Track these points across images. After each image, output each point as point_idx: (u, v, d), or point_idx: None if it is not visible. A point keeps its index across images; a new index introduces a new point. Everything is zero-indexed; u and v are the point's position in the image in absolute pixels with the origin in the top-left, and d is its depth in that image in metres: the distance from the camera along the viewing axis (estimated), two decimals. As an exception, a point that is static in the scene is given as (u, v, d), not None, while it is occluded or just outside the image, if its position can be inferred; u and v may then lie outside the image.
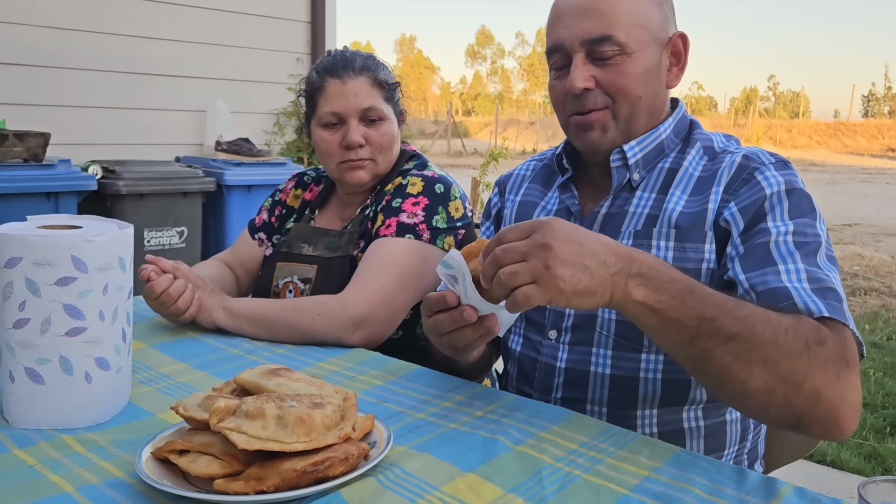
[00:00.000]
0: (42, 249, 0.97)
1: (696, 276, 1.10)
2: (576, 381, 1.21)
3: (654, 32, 1.20)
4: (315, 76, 1.66)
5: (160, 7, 4.45)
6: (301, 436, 0.81)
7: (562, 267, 0.88)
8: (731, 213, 1.13)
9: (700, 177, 1.20)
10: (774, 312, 0.94)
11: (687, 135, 1.28)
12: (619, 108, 1.19)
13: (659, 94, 1.24)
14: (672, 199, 1.19)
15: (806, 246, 1.06)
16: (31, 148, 3.42)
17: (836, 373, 0.92)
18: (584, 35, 1.17)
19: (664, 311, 0.93)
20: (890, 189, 15.29)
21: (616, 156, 1.23)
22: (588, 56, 1.18)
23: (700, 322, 0.92)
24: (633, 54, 1.17)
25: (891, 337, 4.80)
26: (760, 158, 1.17)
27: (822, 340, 0.93)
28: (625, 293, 0.93)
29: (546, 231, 0.90)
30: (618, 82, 1.17)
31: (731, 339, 0.92)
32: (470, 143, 28.06)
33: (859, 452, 3.06)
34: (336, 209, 1.77)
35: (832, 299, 0.99)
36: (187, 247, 4.04)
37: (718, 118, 44.95)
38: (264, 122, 4.98)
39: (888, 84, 65.35)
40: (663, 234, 1.16)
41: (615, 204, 1.24)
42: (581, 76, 1.17)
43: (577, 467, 0.92)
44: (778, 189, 1.12)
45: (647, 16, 1.19)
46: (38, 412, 1.00)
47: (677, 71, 1.25)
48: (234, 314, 1.46)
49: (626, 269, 0.93)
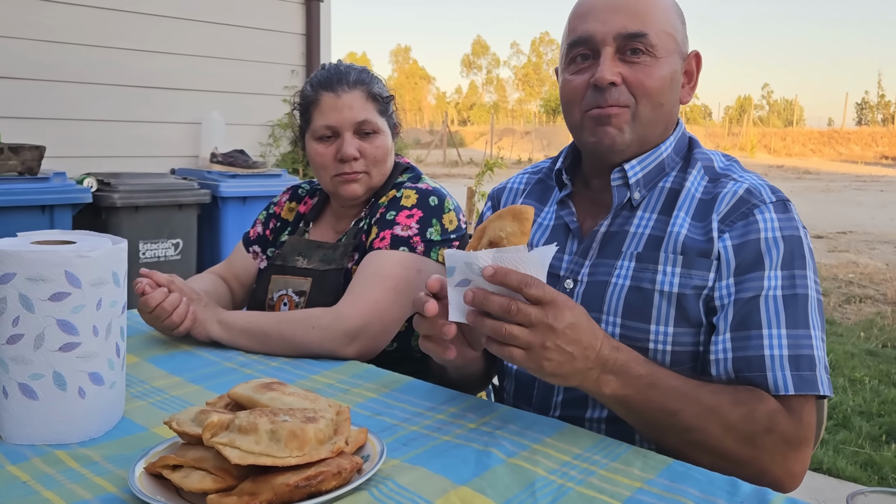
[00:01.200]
0: (36, 265, 0.97)
1: (695, 300, 1.13)
2: (575, 400, 1.21)
3: (679, 44, 1.21)
4: (309, 90, 1.67)
5: (155, 20, 4.46)
6: (294, 450, 0.81)
7: (554, 353, 0.95)
8: (725, 247, 1.13)
9: (701, 199, 1.19)
10: (729, 404, 1.03)
11: (687, 153, 1.27)
12: (642, 109, 1.18)
13: (675, 106, 1.24)
14: (677, 221, 1.17)
15: (794, 301, 1.09)
16: (25, 161, 3.42)
17: (784, 454, 1.03)
18: (620, 29, 1.16)
19: (629, 404, 1.04)
20: (884, 196, 15.34)
21: (616, 174, 1.22)
22: (618, 52, 1.17)
23: (661, 414, 1.04)
24: (661, 59, 1.18)
25: (886, 344, 4.81)
26: (762, 195, 1.15)
27: (772, 429, 1.03)
28: (595, 385, 1.02)
29: (558, 314, 0.95)
30: (646, 83, 1.17)
31: (687, 431, 1.03)
32: (465, 153, 28.12)
33: (855, 461, 3.06)
34: (330, 222, 1.78)
35: (806, 368, 1.06)
36: (183, 259, 4.04)
37: (713, 127, 45.11)
38: (259, 133, 4.99)
39: (881, 92, 65.71)
40: (669, 260, 1.15)
41: (615, 223, 1.23)
42: (610, 69, 1.16)
43: (571, 479, 0.92)
44: (773, 235, 1.12)
45: (675, 27, 1.21)
46: (31, 428, 1.00)
47: (689, 89, 1.26)
48: (229, 327, 1.46)
49: (602, 365, 1.01)
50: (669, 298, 1.14)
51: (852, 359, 4.44)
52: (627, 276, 1.17)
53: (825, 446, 3.18)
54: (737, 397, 1.05)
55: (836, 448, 3.18)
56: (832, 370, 4.22)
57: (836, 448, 3.18)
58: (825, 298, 6.05)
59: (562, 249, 1.27)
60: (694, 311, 1.13)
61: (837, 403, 3.67)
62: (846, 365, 4.31)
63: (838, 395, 3.79)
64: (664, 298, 1.14)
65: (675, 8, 1.24)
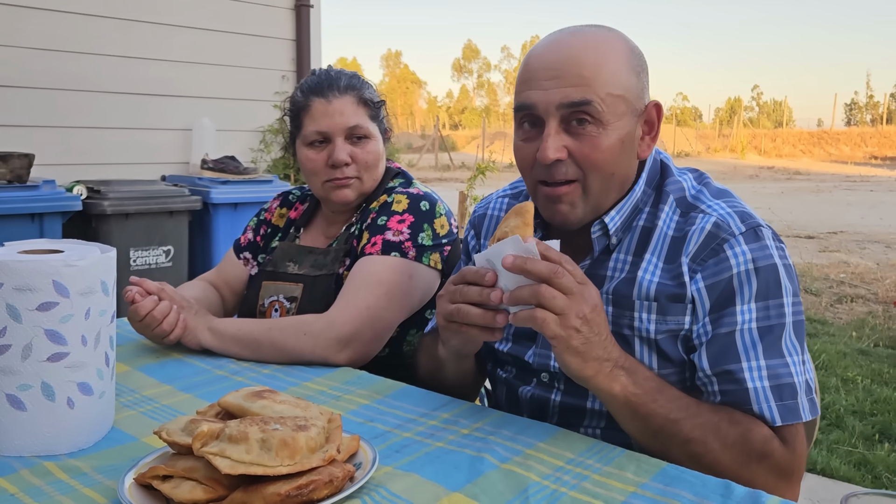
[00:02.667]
0: (23, 275, 0.96)
1: (673, 342, 1.13)
2: (571, 414, 1.21)
3: (631, 103, 1.13)
4: (300, 95, 1.67)
5: (145, 27, 4.45)
6: (285, 459, 0.81)
7: (584, 325, 0.97)
8: (698, 290, 1.11)
9: (673, 237, 1.16)
10: (727, 422, 1.05)
11: (659, 182, 1.22)
12: (591, 182, 1.13)
13: (631, 166, 1.18)
14: (649, 267, 1.15)
15: (770, 333, 1.09)
16: (14, 169, 3.40)
17: (776, 482, 1.04)
18: (562, 99, 1.09)
19: (636, 406, 1.03)
20: (874, 196, 15.43)
21: (597, 227, 1.18)
22: (562, 122, 1.11)
23: (665, 422, 1.03)
24: (609, 126, 1.10)
25: (877, 343, 4.83)
26: (731, 228, 1.12)
27: (767, 454, 1.04)
28: (607, 379, 1.01)
29: (592, 291, 1.00)
30: (591, 157, 1.11)
31: (688, 442, 1.04)
32: (457, 157, 28.13)
33: (849, 460, 3.07)
34: (321, 227, 1.77)
35: (788, 397, 1.07)
36: (174, 266, 4.02)
37: (703, 128, 45.29)
38: (250, 139, 4.98)
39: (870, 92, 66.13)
40: (644, 307, 1.14)
41: (593, 266, 1.21)
42: (554, 146, 1.10)
43: (564, 484, 0.92)
44: (745, 268, 1.10)
45: (627, 85, 1.12)
46: (19, 439, 0.99)
47: (650, 140, 1.19)
48: (220, 335, 1.45)
49: (615, 360, 1.02)
50: (649, 343, 1.15)
51: (844, 358, 4.46)
52: (609, 321, 1.14)
53: (818, 446, 3.19)
54: (734, 417, 1.06)
55: (830, 448, 3.18)
56: (824, 370, 4.23)
57: (829, 448, 3.18)
58: (817, 299, 6.07)
59: None
60: (674, 352, 1.14)
61: (830, 403, 3.68)
62: (838, 364, 4.32)
63: (831, 396, 3.80)
64: (644, 343, 1.15)
65: (627, 61, 1.14)
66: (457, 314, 1.03)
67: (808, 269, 7.13)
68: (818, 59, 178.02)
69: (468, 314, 1.01)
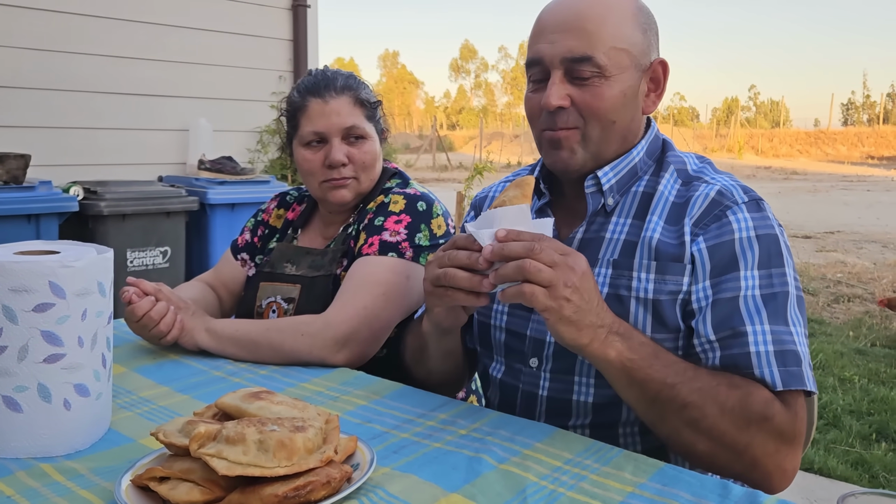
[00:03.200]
0: (19, 276, 0.96)
1: (671, 305, 1.13)
2: (558, 409, 1.21)
3: (635, 57, 1.18)
4: (296, 96, 1.66)
5: (141, 27, 4.44)
6: (282, 460, 0.81)
7: (574, 293, 0.97)
8: (699, 250, 1.13)
9: (675, 202, 1.19)
10: (726, 386, 1.04)
11: (660, 156, 1.26)
12: (591, 130, 1.18)
13: (634, 119, 1.22)
14: (650, 225, 1.17)
15: (774, 300, 1.09)
16: (11, 170, 3.39)
17: (776, 446, 1.03)
18: (566, 53, 1.15)
19: (633, 371, 1.02)
20: (870, 196, 15.45)
21: (590, 181, 1.22)
22: (566, 74, 1.16)
23: (662, 386, 1.03)
24: (611, 78, 1.15)
25: (875, 343, 4.84)
26: (734, 196, 1.15)
27: (768, 417, 1.03)
28: (602, 345, 1.01)
29: (578, 260, 1.00)
30: (593, 105, 1.16)
31: (685, 406, 1.02)
32: (455, 157, 28.13)
33: (846, 460, 3.07)
34: (319, 228, 1.77)
35: (792, 364, 1.06)
36: (171, 267, 4.02)
37: (701, 129, 45.34)
38: (247, 140, 4.98)
39: (867, 92, 66.22)
40: (644, 266, 1.15)
41: (591, 229, 1.23)
42: (557, 94, 1.16)
43: (562, 485, 0.91)
44: (748, 234, 1.12)
45: (632, 41, 1.17)
46: (16, 441, 0.99)
47: (654, 97, 1.23)
48: (217, 336, 1.45)
49: (609, 326, 1.02)
50: (646, 305, 1.14)
51: (842, 358, 4.46)
52: (605, 283, 1.17)
53: (816, 446, 3.19)
54: (733, 381, 1.05)
55: (827, 447, 3.19)
56: (821, 370, 4.24)
57: (826, 447, 3.19)
58: (814, 298, 6.08)
59: None
60: (671, 316, 1.13)
61: (828, 403, 3.68)
62: (836, 364, 4.33)
63: (828, 395, 3.80)
64: (640, 304, 1.15)
65: (633, 17, 1.19)
66: (444, 277, 1.04)
67: (806, 269, 7.14)
68: (815, 59, 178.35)
69: (455, 277, 1.02)
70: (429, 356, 1.29)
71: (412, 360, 1.37)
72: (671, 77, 1.26)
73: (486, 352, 1.35)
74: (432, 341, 1.24)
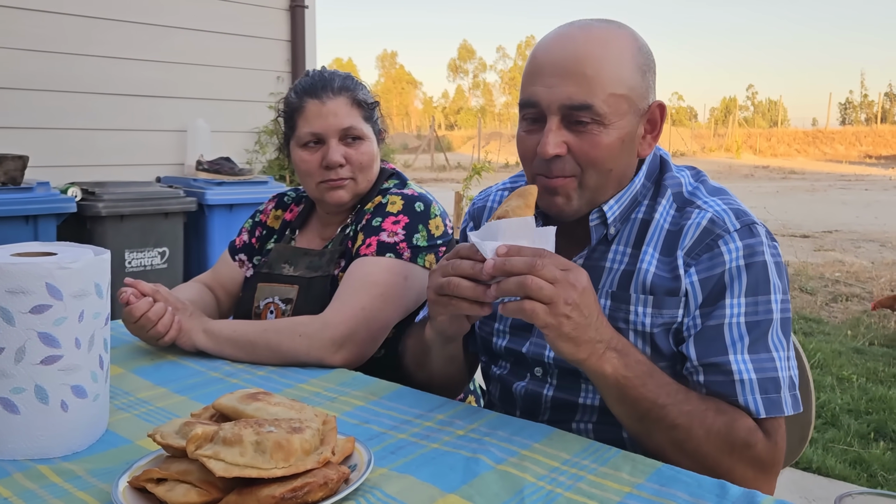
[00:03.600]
0: (16, 277, 0.96)
1: (665, 335, 1.15)
2: (563, 409, 1.22)
3: (634, 102, 1.14)
4: (294, 97, 1.66)
5: (139, 28, 4.44)
6: (279, 461, 0.80)
7: (574, 310, 0.97)
8: (692, 283, 1.13)
9: (669, 230, 1.17)
10: (713, 411, 1.06)
11: (658, 177, 1.24)
12: (588, 178, 1.14)
13: (630, 164, 1.20)
14: (645, 257, 1.17)
15: (757, 327, 1.10)
16: (8, 171, 3.39)
17: (755, 474, 1.06)
18: (564, 100, 1.10)
19: (626, 388, 1.04)
20: (868, 195, 15.47)
21: (595, 215, 1.20)
22: (563, 120, 1.12)
23: (652, 406, 1.04)
24: (610, 126, 1.12)
25: (873, 342, 4.84)
26: (725, 224, 1.13)
27: (750, 444, 1.06)
28: (599, 360, 1.02)
29: (579, 276, 1.00)
30: (591, 154, 1.12)
31: (673, 428, 1.04)
32: (453, 157, 28.13)
33: (844, 459, 3.07)
34: (316, 229, 1.77)
35: (772, 391, 1.09)
36: (169, 267, 4.02)
37: (699, 128, 45.34)
38: (245, 140, 4.98)
39: (864, 91, 66.34)
40: (640, 300, 1.16)
41: (592, 257, 1.22)
42: (554, 142, 1.12)
43: (560, 485, 0.91)
44: (737, 264, 1.11)
45: (630, 84, 1.13)
46: (12, 442, 0.98)
47: (651, 139, 1.20)
48: (215, 336, 1.45)
49: (607, 342, 1.02)
50: (644, 337, 1.15)
51: (840, 357, 4.47)
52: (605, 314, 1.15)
53: (814, 445, 3.19)
54: (720, 407, 1.08)
55: (825, 447, 3.19)
56: (820, 369, 4.24)
57: (825, 447, 3.19)
58: (812, 298, 6.09)
59: None
60: (665, 345, 1.15)
61: (826, 402, 3.69)
62: (834, 363, 4.33)
63: (826, 394, 3.81)
64: (638, 336, 1.16)
65: (633, 59, 1.14)
66: (447, 286, 1.03)
67: (804, 268, 7.15)
68: (813, 58, 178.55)
69: (458, 286, 1.02)
70: (431, 361, 1.28)
71: (414, 364, 1.36)
72: (669, 75, 1.28)
73: (490, 361, 1.35)
74: (436, 348, 1.24)
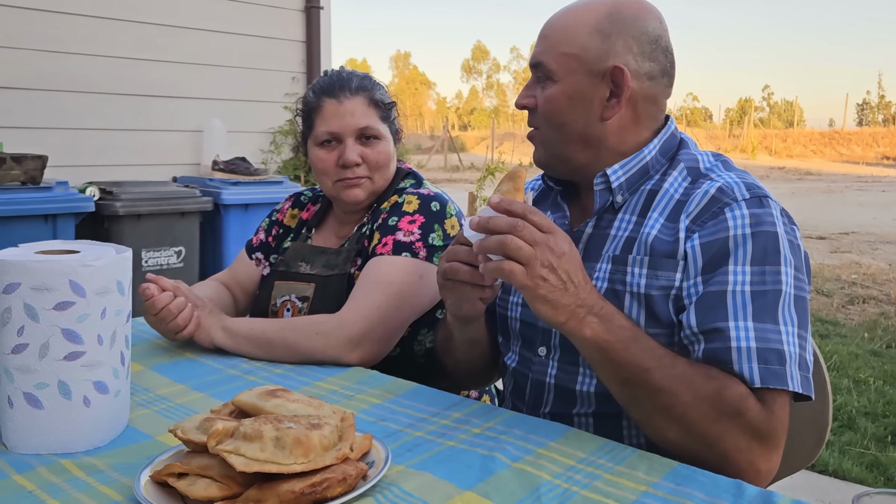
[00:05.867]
0: (40, 275, 0.97)
1: (663, 300, 1.13)
2: (563, 396, 1.23)
3: (586, 62, 1.19)
4: (311, 96, 1.68)
5: (156, 29, 4.48)
6: (299, 457, 0.81)
7: (551, 273, 1.00)
8: (693, 247, 1.12)
9: (679, 200, 1.18)
10: (702, 377, 1.04)
11: (674, 154, 1.26)
12: (544, 131, 1.25)
13: (590, 124, 1.21)
14: (649, 222, 1.18)
15: (763, 297, 1.07)
16: (28, 171, 3.43)
17: (748, 443, 1.02)
18: (532, 59, 1.25)
19: (608, 351, 1.04)
20: (886, 197, 15.32)
21: (599, 179, 1.23)
22: (534, 77, 1.25)
23: (636, 370, 1.03)
24: (559, 82, 1.20)
25: (890, 345, 4.80)
26: (734, 193, 1.13)
27: (741, 412, 1.02)
28: (579, 324, 1.03)
29: (560, 240, 1.02)
30: (544, 106, 1.23)
31: (657, 392, 1.03)
32: (466, 158, 28.12)
33: (861, 462, 3.05)
34: (333, 227, 1.78)
35: (774, 362, 1.04)
36: (185, 266, 4.05)
37: (714, 129, 45.07)
38: (261, 140, 5.00)
39: (882, 92, 65.71)
40: (637, 261, 1.16)
41: (599, 225, 1.25)
42: (523, 95, 1.26)
43: (576, 483, 0.92)
44: (743, 231, 1.10)
45: (585, 45, 1.19)
46: (36, 437, 1.00)
47: (615, 104, 1.20)
48: (233, 334, 1.47)
49: (589, 307, 1.03)
50: (639, 299, 1.15)
51: (856, 360, 4.43)
52: (605, 278, 1.19)
53: (830, 448, 3.17)
54: (710, 373, 1.04)
55: (842, 449, 3.17)
56: (836, 371, 4.21)
57: (841, 449, 3.17)
58: (828, 299, 6.04)
59: None
60: (664, 311, 1.13)
61: (842, 405, 3.66)
62: (850, 366, 4.30)
63: (843, 397, 3.78)
64: (634, 299, 1.15)
65: (595, 23, 1.19)
66: (450, 271, 1.12)
67: (820, 270, 7.10)
68: (829, 59, 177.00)
69: (458, 271, 1.11)
70: (455, 346, 1.34)
71: (441, 350, 1.43)
72: (684, 76, 1.29)
73: (504, 342, 1.38)
74: (456, 331, 1.29)
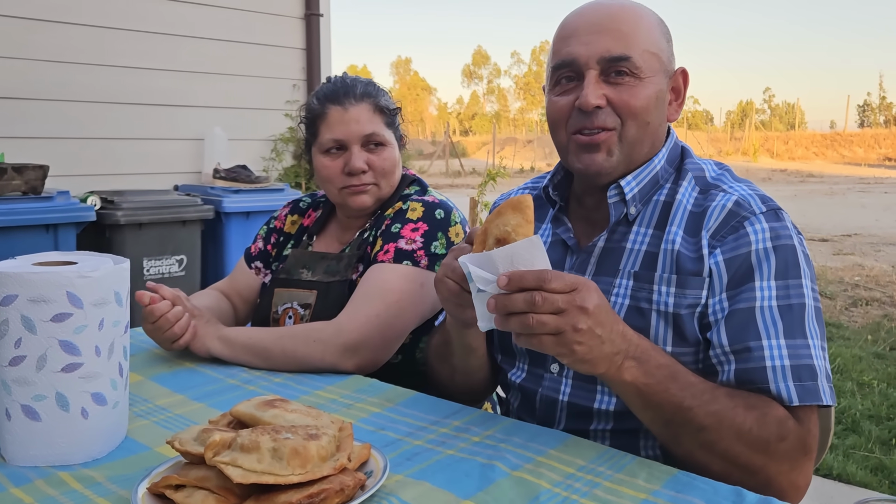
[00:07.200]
0: (37, 286, 0.97)
1: (690, 319, 1.12)
2: (578, 414, 1.21)
3: (664, 63, 1.20)
4: (316, 103, 1.67)
5: (156, 38, 4.49)
6: (296, 468, 0.81)
7: (586, 335, 0.93)
8: (717, 263, 1.12)
9: (692, 212, 1.18)
10: (743, 407, 1.02)
11: (679, 163, 1.26)
12: (627, 130, 1.17)
13: (662, 124, 1.23)
14: (669, 236, 1.17)
15: (790, 311, 1.07)
16: (29, 180, 3.43)
17: (791, 464, 1.02)
18: (603, 53, 1.16)
19: (648, 395, 1.02)
20: (888, 198, 15.30)
21: (613, 191, 1.21)
22: (602, 74, 1.17)
23: (677, 410, 1.01)
24: (645, 80, 1.17)
25: (894, 347, 4.78)
26: (751, 206, 1.14)
27: (783, 437, 1.02)
28: (618, 371, 1.00)
29: (587, 295, 0.94)
30: (631, 103, 1.16)
31: (700, 430, 1.01)
32: (468, 163, 28.14)
33: (865, 465, 3.04)
34: (335, 233, 1.78)
35: (807, 378, 1.05)
36: (187, 275, 4.05)
37: (715, 132, 45.11)
38: (262, 148, 5.01)
39: (883, 94, 65.71)
40: (664, 280, 1.14)
41: (612, 238, 1.22)
42: (595, 93, 1.15)
43: (575, 492, 0.91)
44: (764, 245, 1.10)
45: (660, 46, 1.20)
46: (34, 449, 1.00)
47: (676, 106, 1.25)
48: (230, 343, 1.46)
49: (625, 352, 1.00)
50: (666, 318, 1.14)
51: (860, 362, 4.42)
52: (626, 294, 1.17)
53: (834, 451, 3.16)
54: (749, 402, 1.03)
55: (846, 453, 3.16)
56: (839, 374, 4.19)
57: (845, 453, 3.16)
58: (831, 302, 6.02)
59: (560, 265, 1.27)
60: (690, 330, 1.12)
61: (846, 408, 3.65)
62: (854, 369, 4.29)
63: (847, 400, 3.76)
64: (661, 318, 1.14)
65: (659, 26, 1.22)
66: (439, 284, 1.11)
67: (823, 273, 7.08)
68: (830, 61, 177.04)
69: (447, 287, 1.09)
70: (452, 351, 1.29)
71: (436, 356, 1.37)
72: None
73: (507, 359, 1.35)
74: (455, 333, 1.25)
